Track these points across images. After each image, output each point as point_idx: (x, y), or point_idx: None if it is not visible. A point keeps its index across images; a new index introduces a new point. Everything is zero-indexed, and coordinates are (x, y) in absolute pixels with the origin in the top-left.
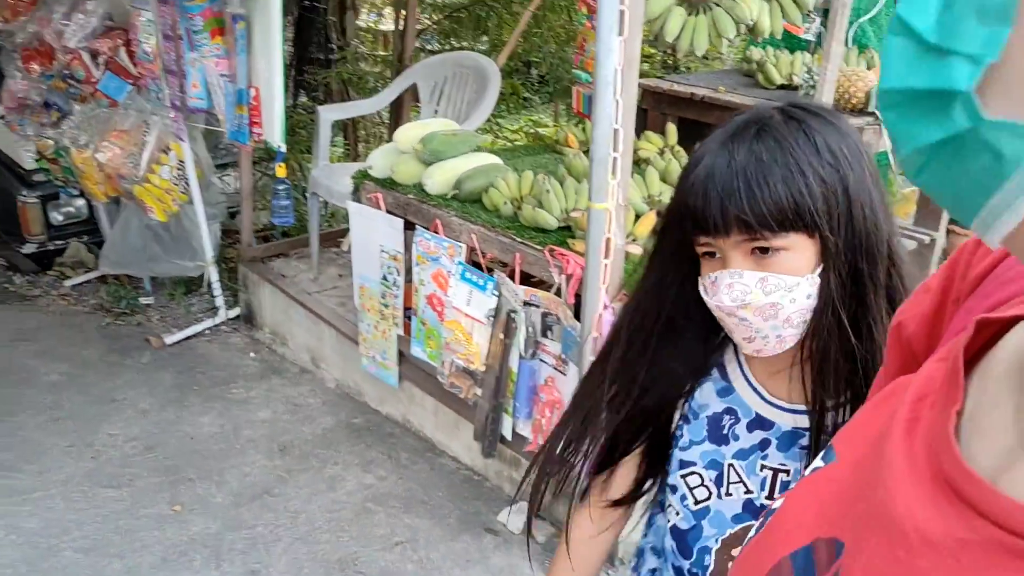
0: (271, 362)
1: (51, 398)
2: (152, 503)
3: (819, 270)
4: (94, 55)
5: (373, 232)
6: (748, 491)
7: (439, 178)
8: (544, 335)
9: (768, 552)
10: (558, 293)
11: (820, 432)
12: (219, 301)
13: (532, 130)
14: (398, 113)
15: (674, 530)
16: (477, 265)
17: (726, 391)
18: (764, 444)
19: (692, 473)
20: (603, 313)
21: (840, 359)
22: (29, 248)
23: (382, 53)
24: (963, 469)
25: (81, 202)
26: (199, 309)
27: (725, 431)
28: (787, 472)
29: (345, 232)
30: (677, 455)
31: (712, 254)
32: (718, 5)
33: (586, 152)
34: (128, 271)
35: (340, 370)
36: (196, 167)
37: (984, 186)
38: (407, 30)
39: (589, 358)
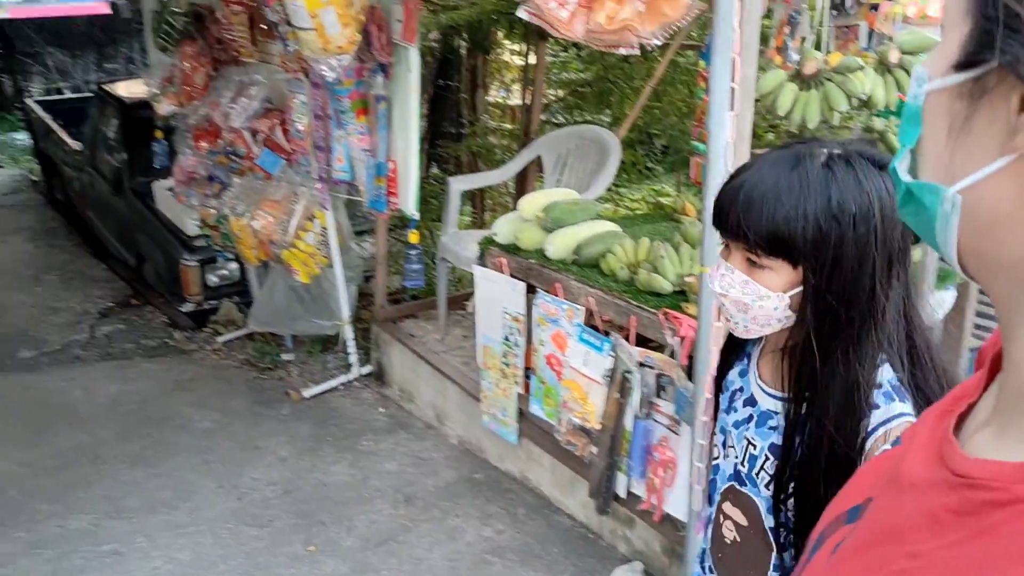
0: (398, 417)
1: (204, 443)
2: (288, 543)
3: (794, 292)
4: (254, 133)
5: (497, 295)
6: (737, 457)
7: (560, 244)
8: (658, 395)
9: (838, 507)
10: (672, 355)
11: (787, 416)
12: (353, 359)
13: (654, 199)
14: (523, 182)
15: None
16: (595, 327)
17: (744, 372)
18: (749, 419)
19: (715, 434)
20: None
21: (807, 363)
22: (188, 307)
23: (508, 126)
24: (947, 438)
25: (234, 265)
26: (334, 366)
27: (734, 403)
28: (755, 446)
29: (470, 295)
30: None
31: (727, 246)
32: (830, 80)
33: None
34: (272, 329)
35: (462, 426)
36: (337, 234)
37: (928, 226)
38: (533, 105)
39: (702, 419)
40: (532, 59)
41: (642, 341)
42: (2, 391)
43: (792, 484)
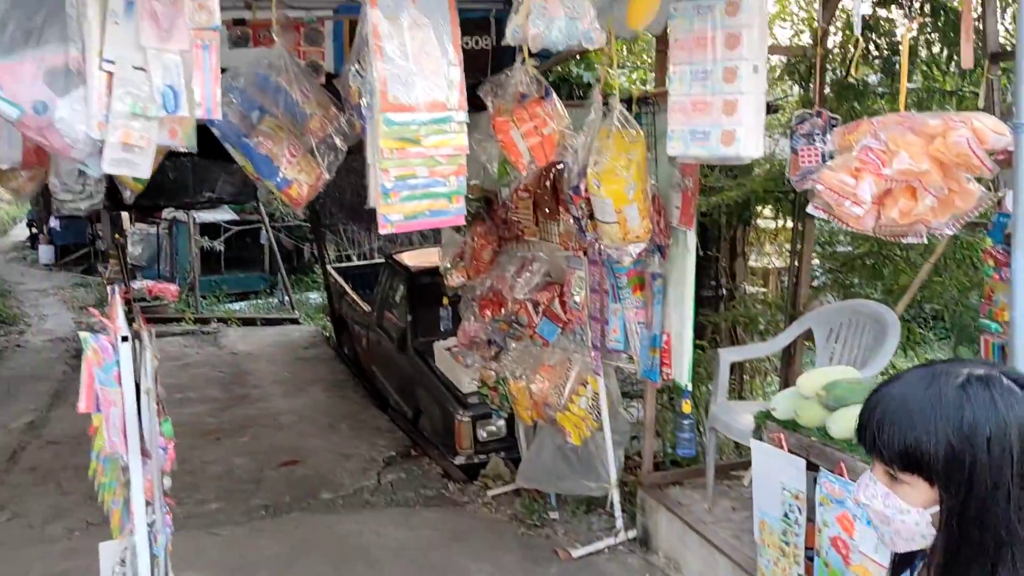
0: None
1: None
2: None
3: (934, 510)
4: (535, 304)
5: (775, 470)
6: None
7: (843, 424)
8: None
9: None
10: None
11: None
12: (619, 523)
13: None
14: (789, 354)
15: None
16: None
17: None
18: None
19: None
20: None
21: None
22: (460, 459)
23: (765, 291)
24: None
25: (502, 422)
26: (599, 527)
27: None
28: None
29: (737, 466)
30: None
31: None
32: None
33: None
34: (539, 487)
35: None
36: (607, 399)
37: None
38: (801, 277)
39: None
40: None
41: None
42: (308, 529)
43: None
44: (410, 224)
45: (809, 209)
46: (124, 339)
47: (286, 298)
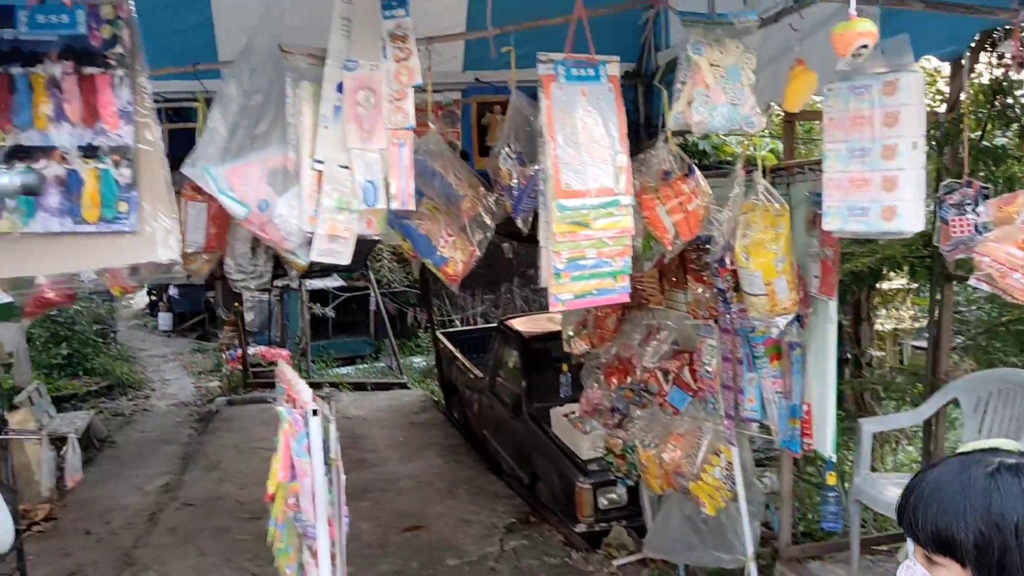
0: None
1: None
2: None
3: None
4: (665, 373)
5: None
6: None
7: None
8: None
9: None
10: None
11: None
12: None
13: None
14: (930, 424)
15: None
16: None
17: None
18: None
19: None
20: None
21: None
22: (581, 527)
23: (879, 353)
24: None
25: (623, 490)
26: None
27: None
28: None
29: (880, 540)
30: None
31: None
32: None
33: None
34: (668, 557)
35: None
36: (741, 468)
37: None
38: (940, 344)
39: None
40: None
41: None
42: None
43: None
44: (578, 302)
45: (972, 281)
46: (314, 413)
47: (393, 362)
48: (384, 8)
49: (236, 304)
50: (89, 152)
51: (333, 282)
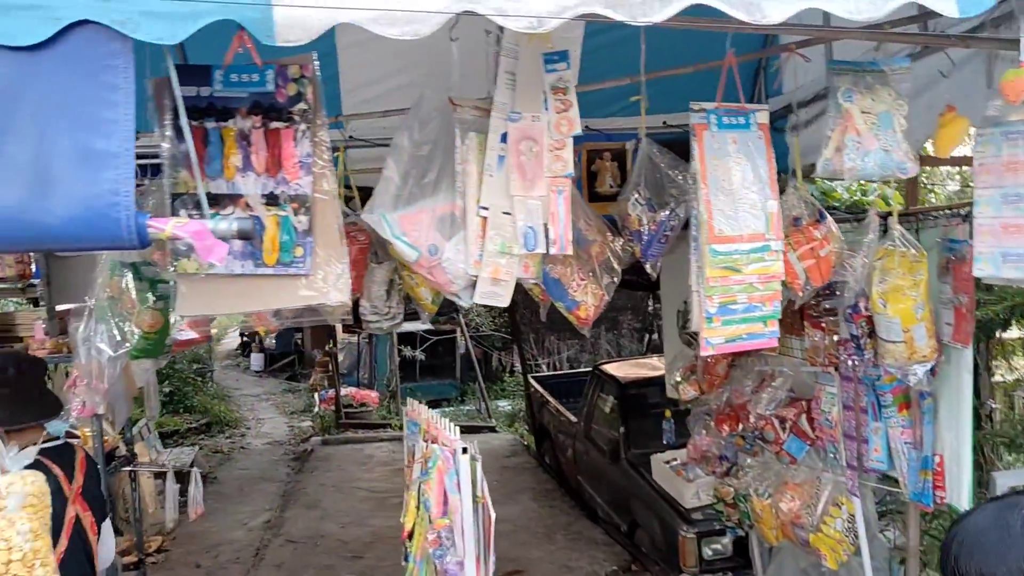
0: None
1: None
2: None
3: None
4: (781, 420)
5: None
6: None
7: None
8: None
9: None
10: None
11: None
12: None
13: None
14: None
15: None
16: None
17: None
18: None
19: None
20: None
21: None
22: None
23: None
24: None
25: (727, 540)
26: None
27: None
28: None
29: None
30: None
31: None
32: None
33: None
34: None
35: None
36: (864, 521)
37: None
38: None
39: None
40: None
41: None
42: None
43: None
44: (728, 347)
45: None
46: (464, 451)
47: (481, 405)
48: (546, 63)
49: (330, 345)
50: (271, 200)
51: (420, 325)
